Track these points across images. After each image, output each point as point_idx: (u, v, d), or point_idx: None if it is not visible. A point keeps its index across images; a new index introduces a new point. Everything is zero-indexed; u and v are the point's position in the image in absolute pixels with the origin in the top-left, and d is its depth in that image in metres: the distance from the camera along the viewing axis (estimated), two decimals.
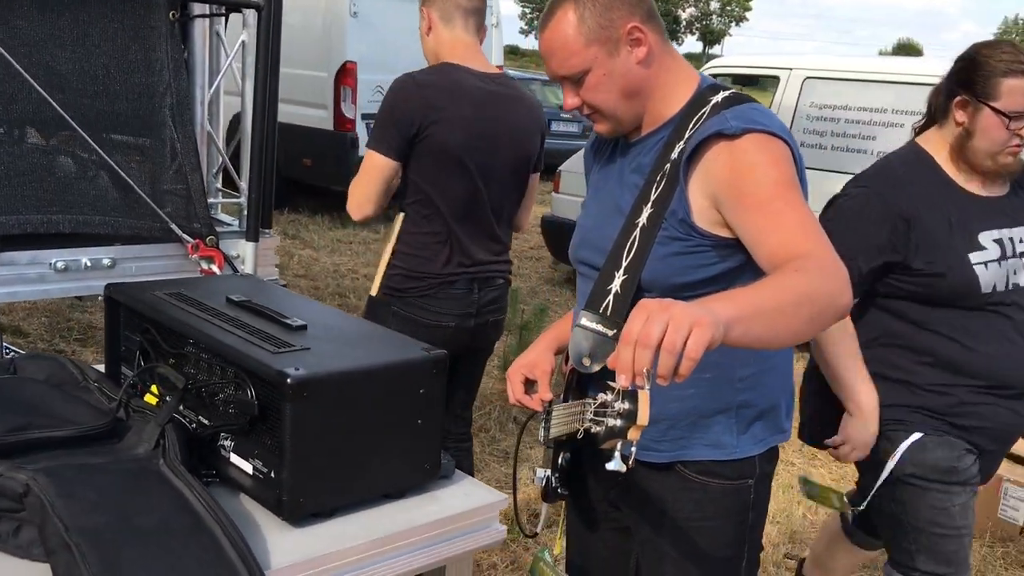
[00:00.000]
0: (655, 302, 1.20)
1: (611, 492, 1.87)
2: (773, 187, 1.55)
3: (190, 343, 1.73)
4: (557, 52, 1.69)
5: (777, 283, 1.36)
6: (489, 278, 2.79)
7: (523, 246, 9.29)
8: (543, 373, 1.89)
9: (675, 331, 1.16)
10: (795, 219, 1.52)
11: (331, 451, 1.53)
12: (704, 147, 1.61)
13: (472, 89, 2.65)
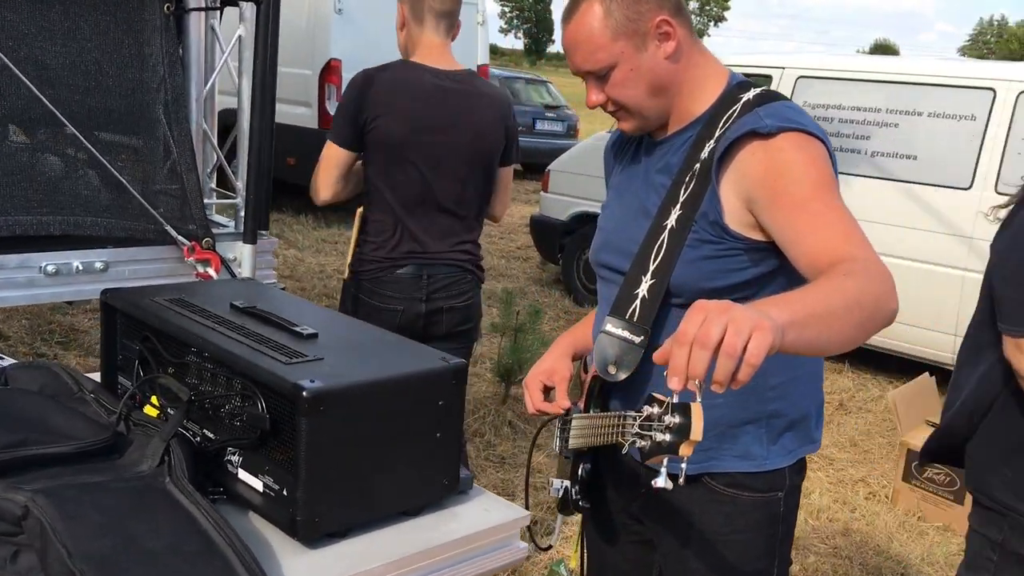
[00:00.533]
0: (713, 303, 1.13)
1: (633, 504, 1.80)
2: (811, 187, 1.49)
3: (193, 352, 1.65)
4: (582, 46, 1.62)
5: (828, 287, 1.29)
6: (441, 265, 2.90)
7: (510, 246, 9.22)
8: (561, 379, 1.83)
9: (735, 334, 1.09)
10: (835, 220, 1.46)
11: (347, 467, 1.45)
12: (737, 146, 1.54)
13: (424, 85, 2.79)
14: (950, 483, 4.26)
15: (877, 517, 4.14)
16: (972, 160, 5.36)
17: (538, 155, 14.06)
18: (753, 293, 1.60)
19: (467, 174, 2.89)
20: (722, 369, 1.09)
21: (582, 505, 1.77)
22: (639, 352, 1.62)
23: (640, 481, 1.77)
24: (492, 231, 9.86)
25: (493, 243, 9.30)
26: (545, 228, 7.46)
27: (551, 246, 7.44)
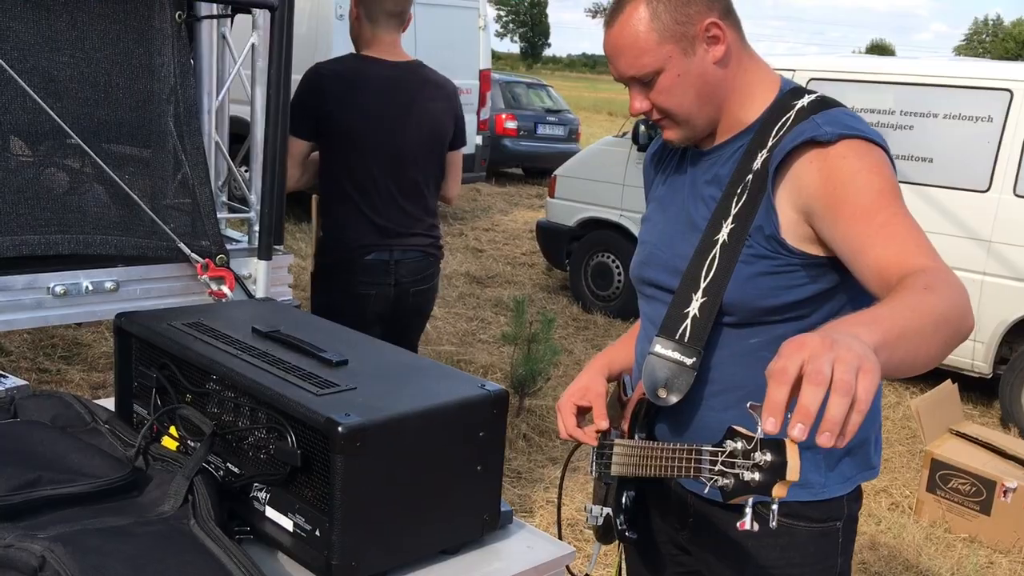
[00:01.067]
0: (812, 336, 1.03)
1: (680, 534, 1.71)
2: (877, 196, 1.40)
3: (213, 380, 1.55)
4: (627, 51, 1.52)
5: (912, 303, 1.19)
6: (404, 249, 3.03)
7: (515, 252, 9.12)
8: (597, 396, 1.73)
9: (846, 371, 0.97)
10: (904, 231, 1.37)
11: (386, 506, 1.35)
12: (794, 155, 1.45)
13: (374, 77, 2.94)
14: (976, 493, 4.17)
15: (904, 529, 4.05)
16: (989, 162, 5.27)
17: (540, 159, 13.98)
18: (810, 311, 1.51)
19: (422, 160, 3.03)
20: (837, 410, 0.96)
21: (629, 536, 1.68)
22: (691, 375, 1.53)
23: (689, 511, 1.67)
24: (496, 237, 9.78)
25: (498, 249, 9.21)
26: (552, 234, 7.37)
27: (558, 252, 7.35)
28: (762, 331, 1.53)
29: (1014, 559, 3.88)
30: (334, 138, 2.92)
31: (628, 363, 1.84)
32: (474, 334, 6.41)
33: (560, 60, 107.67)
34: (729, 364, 1.55)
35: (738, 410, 1.56)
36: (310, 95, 2.87)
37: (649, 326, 1.67)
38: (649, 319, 1.68)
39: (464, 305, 7.10)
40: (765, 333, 1.53)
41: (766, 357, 1.53)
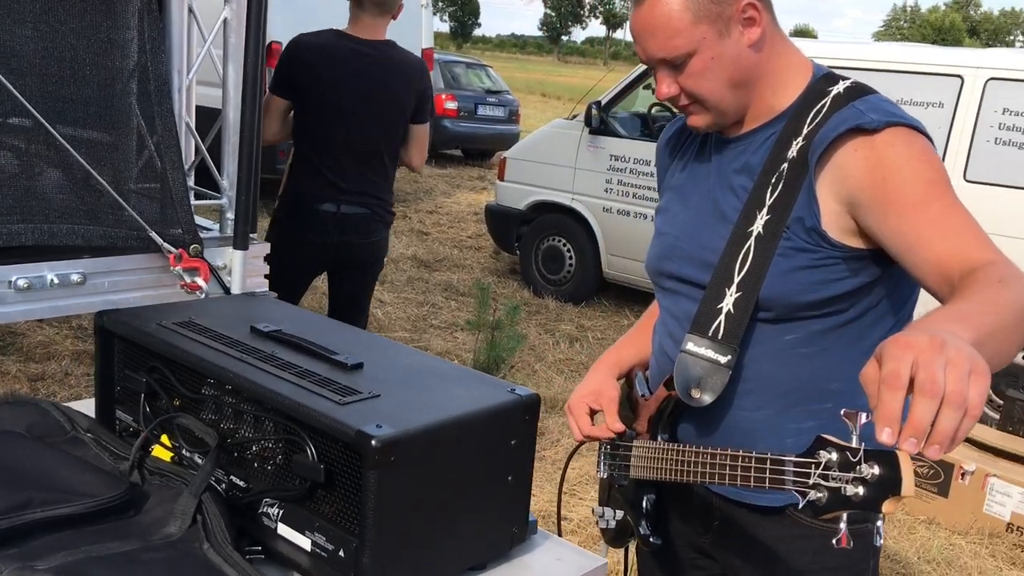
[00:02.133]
0: (920, 336, 0.95)
1: (703, 538, 1.64)
2: (928, 186, 1.34)
3: (210, 384, 1.43)
4: (659, 31, 1.43)
5: (993, 298, 1.13)
6: (354, 204, 3.37)
7: (461, 235, 9.00)
8: (610, 401, 1.65)
9: (959, 380, 0.90)
10: (961, 222, 1.31)
11: (416, 523, 1.25)
12: (837, 144, 1.38)
13: (346, 51, 3.28)
14: (934, 475, 4.23)
15: None
16: (940, 148, 5.33)
17: (480, 140, 13.84)
18: (849, 306, 1.44)
19: (383, 128, 3.38)
20: (950, 423, 0.90)
21: (654, 542, 1.60)
22: (726, 374, 1.46)
23: (714, 514, 1.61)
24: (441, 220, 9.64)
25: (443, 232, 9.08)
26: (501, 217, 7.27)
27: (508, 236, 7.26)
28: (798, 327, 1.46)
29: (972, 540, 3.94)
30: (303, 102, 3.26)
31: (638, 360, 1.77)
32: (426, 319, 6.30)
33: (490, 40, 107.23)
34: (763, 362, 1.49)
35: (772, 410, 1.50)
36: (288, 62, 3.24)
37: (671, 321, 1.60)
38: (671, 314, 1.60)
39: (413, 290, 6.97)
40: (801, 329, 1.46)
41: (802, 354, 1.48)
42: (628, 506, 1.67)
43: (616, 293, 6.99)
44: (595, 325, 6.44)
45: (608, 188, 6.54)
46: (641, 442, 1.60)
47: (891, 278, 1.44)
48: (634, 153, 6.44)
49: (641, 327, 1.83)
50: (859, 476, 1.02)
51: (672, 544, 1.70)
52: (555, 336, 6.10)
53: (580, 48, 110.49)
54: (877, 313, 1.46)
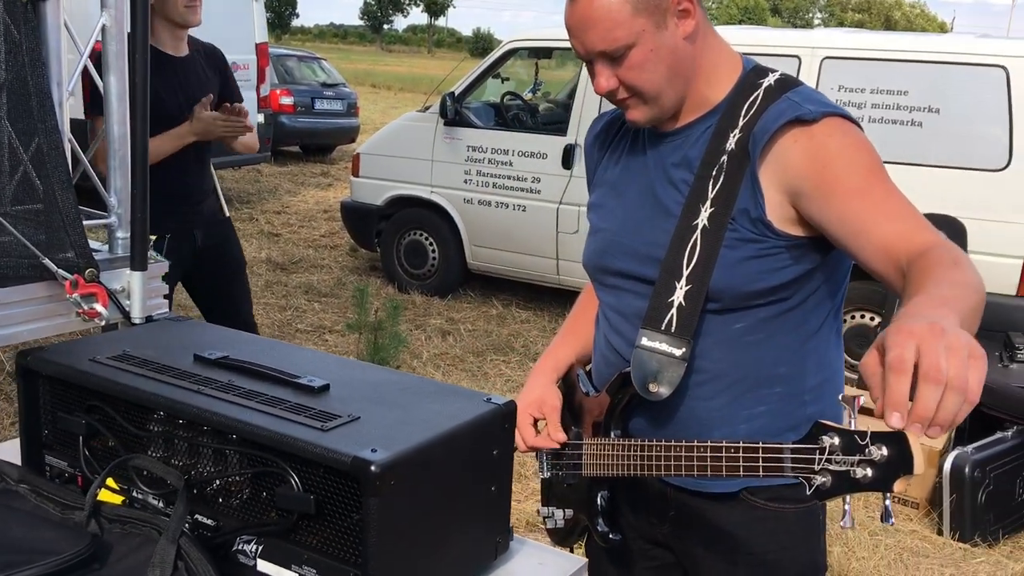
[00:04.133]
0: (919, 323, 0.99)
1: (660, 529, 1.67)
2: (868, 172, 1.40)
3: (158, 419, 1.34)
4: (599, 24, 1.43)
5: (957, 280, 1.19)
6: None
7: (313, 234, 8.80)
8: (552, 409, 1.66)
9: (960, 364, 0.94)
10: (902, 207, 1.37)
11: (415, 544, 1.22)
12: (776, 135, 1.43)
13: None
14: None
15: None
16: None
17: (319, 135, 13.55)
18: (792, 293, 1.50)
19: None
20: (951, 406, 0.94)
21: (612, 538, 1.62)
22: (681, 366, 1.48)
23: (669, 504, 1.64)
24: (291, 220, 9.39)
25: (295, 232, 8.84)
26: (358, 214, 7.14)
27: (366, 232, 7.14)
28: (746, 316, 1.51)
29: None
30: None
31: (575, 358, 1.77)
32: (291, 324, 6.12)
33: (309, 31, 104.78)
34: (713, 352, 1.52)
35: (724, 398, 1.54)
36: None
37: (616, 317, 1.61)
38: (616, 310, 1.61)
39: (273, 294, 6.76)
40: (749, 318, 1.51)
41: (750, 342, 1.53)
42: (580, 504, 1.67)
43: (482, 283, 7.01)
44: (464, 317, 6.44)
45: (467, 179, 6.53)
46: (593, 440, 1.61)
47: (828, 264, 1.51)
48: (491, 143, 6.46)
49: (572, 325, 1.83)
50: (867, 458, 1.05)
51: (624, 538, 1.72)
52: (426, 331, 6.07)
53: (403, 36, 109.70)
54: (817, 298, 1.52)
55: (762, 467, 1.22)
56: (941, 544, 3.74)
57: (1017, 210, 4.86)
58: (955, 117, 5.11)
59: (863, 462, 1.05)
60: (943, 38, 6.36)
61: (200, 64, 3.35)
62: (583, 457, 1.63)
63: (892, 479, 1.03)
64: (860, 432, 1.06)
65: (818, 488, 1.11)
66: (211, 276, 3.54)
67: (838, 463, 1.08)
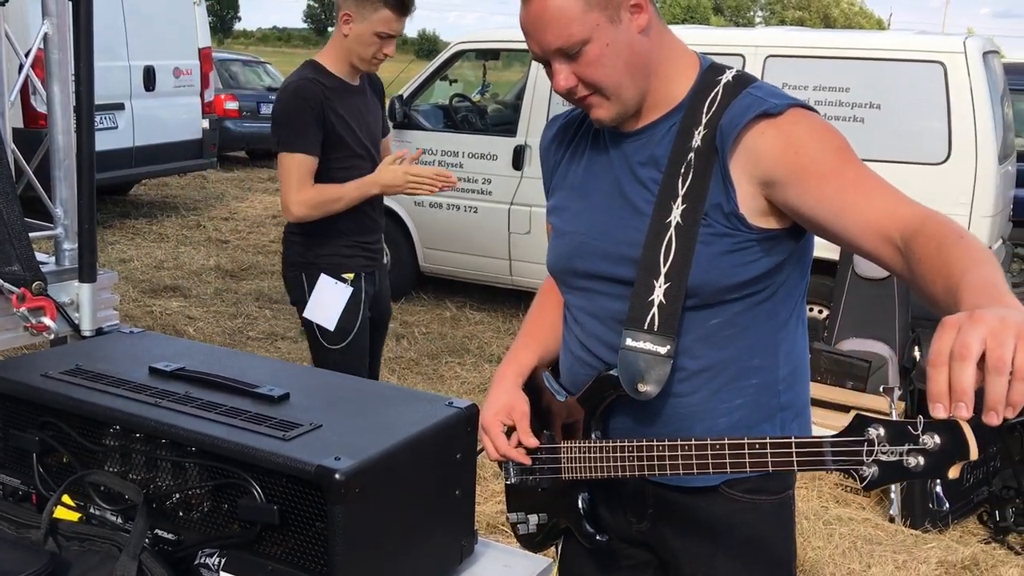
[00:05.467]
0: (961, 315, 1.01)
1: (638, 526, 1.67)
2: (839, 152, 1.42)
3: (114, 434, 1.32)
4: (554, 21, 1.44)
5: (978, 257, 1.20)
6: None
7: (262, 240, 8.70)
8: (522, 415, 1.63)
9: (999, 346, 0.96)
10: (879, 182, 1.39)
11: (381, 549, 1.22)
12: (744, 130, 1.45)
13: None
14: None
15: None
16: None
17: (265, 140, 13.35)
18: (765, 286, 1.52)
19: None
20: (995, 388, 0.96)
21: (599, 539, 1.61)
22: (667, 363, 1.49)
23: (647, 502, 1.64)
24: (239, 226, 9.28)
25: (243, 238, 8.74)
26: None
27: None
28: (722, 311, 1.52)
29: (799, 484, 4.24)
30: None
31: (539, 361, 1.76)
32: (242, 331, 6.05)
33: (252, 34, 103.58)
34: (693, 348, 1.53)
35: (705, 393, 1.55)
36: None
37: (589, 320, 1.61)
38: (588, 312, 1.62)
39: (223, 302, 6.67)
40: (725, 312, 1.52)
41: (726, 335, 1.54)
42: (558, 508, 1.65)
43: (434, 286, 6.99)
44: (418, 320, 6.41)
45: None
46: (571, 443, 1.60)
47: (795, 256, 1.53)
48: (441, 145, 6.44)
49: (531, 328, 1.81)
50: (919, 447, 1.08)
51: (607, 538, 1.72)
52: None
53: None
54: (786, 289, 1.54)
55: (796, 460, 1.24)
56: (893, 531, 3.81)
57: (958, 202, 4.98)
58: (895, 113, 5.22)
59: (914, 451, 1.08)
60: (883, 35, 6.50)
61: (368, 90, 3.11)
62: (561, 460, 1.62)
63: (947, 465, 1.07)
64: (912, 422, 1.09)
65: (866, 478, 1.14)
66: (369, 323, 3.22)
67: (886, 453, 1.11)
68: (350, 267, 3.00)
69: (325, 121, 2.84)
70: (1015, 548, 3.71)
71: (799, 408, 1.62)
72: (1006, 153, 5.56)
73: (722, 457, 1.33)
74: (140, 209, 9.83)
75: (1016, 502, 3.83)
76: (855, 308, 5.08)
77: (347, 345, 2.98)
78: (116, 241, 8.25)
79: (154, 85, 8.87)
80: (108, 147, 8.16)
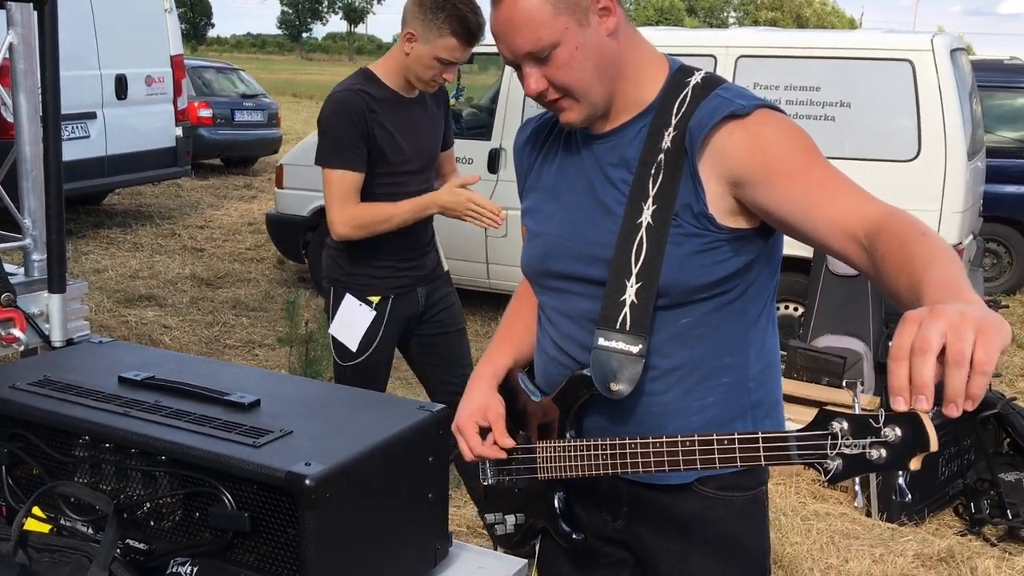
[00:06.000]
0: (922, 310, 1.02)
1: (614, 525, 1.68)
2: (806, 152, 1.44)
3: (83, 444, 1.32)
4: (523, 25, 1.45)
5: (939, 254, 1.22)
6: None
7: (238, 248, 8.66)
8: (497, 416, 1.64)
9: (959, 339, 0.98)
10: (845, 181, 1.41)
11: (354, 554, 1.22)
12: (712, 130, 1.46)
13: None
14: None
15: None
16: None
17: (240, 147, 13.35)
18: (734, 286, 1.53)
19: None
20: (954, 381, 0.97)
21: (576, 538, 1.62)
22: (639, 362, 1.50)
23: (622, 500, 1.65)
24: (214, 234, 9.23)
25: (219, 247, 8.69)
26: (284, 225, 7.04)
27: (294, 244, 7.04)
28: (692, 310, 1.53)
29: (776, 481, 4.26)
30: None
31: (514, 363, 1.77)
32: (219, 340, 6.02)
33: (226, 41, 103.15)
34: (664, 347, 1.54)
35: (677, 392, 1.56)
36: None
37: (563, 320, 1.62)
38: (562, 313, 1.62)
39: (199, 310, 6.63)
40: (695, 311, 1.53)
41: (697, 335, 1.55)
42: (535, 508, 1.66)
43: None
44: None
45: None
46: (546, 443, 1.60)
47: (765, 255, 1.55)
48: None
49: (507, 330, 1.83)
50: (880, 440, 1.09)
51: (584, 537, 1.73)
52: None
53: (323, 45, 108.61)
54: (755, 289, 1.56)
55: (764, 456, 1.25)
56: (870, 525, 3.84)
57: (928, 199, 5.03)
58: (866, 111, 5.27)
59: (877, 443, 1.09)
60: (852, 34, 6.56)
61: (427, 101, 2.97)
62: (536, 460, 1.62)
63: (908, 457, 1.08)
64: (873, 416, 1.10)
65: (830, 472, 1.15)
66: (432, 337, 3.12)
67: (850, 447, 1.12)
68: (378, 289, 2.90)
69: (369, 136, 2.73)
70: (990, 540, 3.76)
71: (771, 405, 1.64)
72: (975, 149, 5.62)
73: (692, 454, 1.34)
74: (114, 219, 9.76)
75: (990, 494, 3.87)
76: (830, 305, 5.12)
77: (361, 363, 2.93)
78: (90, 251, 8.19)
79: (126, 93, 8.81)
80: (80, 156, 8.10)
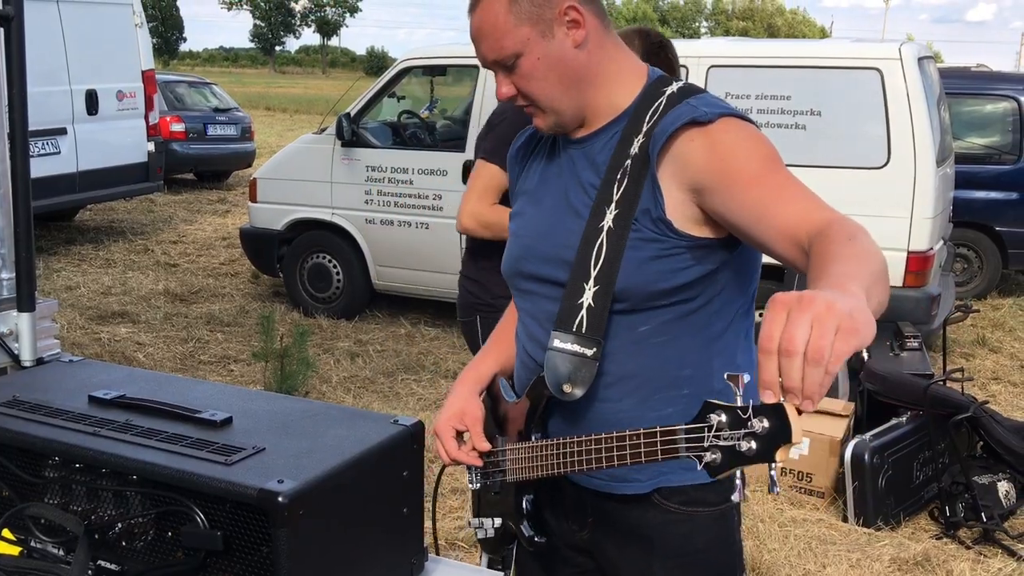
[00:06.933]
0: (791, 296, 1.02)
1: (580, 534, 1.69)
2: (765, 161, 1.45)
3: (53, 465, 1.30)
4: (488, 35, 1.50)
5: (851, 253, 1.22)
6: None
7: (212, 263, 8.61)
8: (474, 420, 1.66)
9: (821, 336, 0.98)
10: (798, 190, 1.42)
11: (328, 571, 1.21)
12: (675, 136, 1.47)
13: None
14: None
15: None
16: None
17: (213, 161, 13.29)
18: (696, 295, 1.54)
19: None
20: (811, 378, 0.98)
21: (537, 540, 1.63)
22: (593, 365, 1.51)
23: (587, 510, 1.66)
24: (188, 249, 9.17)
25: (193, 261, 8.63)
26: (258, 240, 7.01)
27: (268, 258, 7.01)
28: (651, 317, 1.54)
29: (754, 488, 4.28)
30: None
31: (499, 369, 1.77)
32: (194, 356, 5.97)
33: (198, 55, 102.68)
34: (621, 354, 1.55)
35: (633, 399, 1.57)
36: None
37: (531, 323, 1.63)
38: (530, 315, 1.63)
39: (173, 326, 6.58)
40: (654, 319, 1.54)
41: (656, 343, 1.56)
42: (507, 510, 1.67)
43: (388, 303, 6.97)
44: (373, 338, 6.38)
45: (368, 199, 6.49)
46: (516, 445, 1.62)
47: (733, 266, 1.55)
48: (390, 162, 6.43)
49: (497, 337, 1.84)
50: (750, 431, 1.08)
51: (550, 542, 1.73)
52: (335, 355, 5.99)
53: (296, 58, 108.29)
54: (721, 300, 1.56)
55: (660, 450, 1.25)
56: (847, 531, 3.86)
57: (898, 205, 5.08)
58: (835, 119, 5.32)
59: (747, 435, 1.08)
60: (821, 44, 6.62)
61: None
62: (507, 463, 1.64)
63: (774, 449, 1.06)
64: (743, 407, 1.09)
65: (709, 465, 1.13)
66: None
67: (726, 438, 1.10)
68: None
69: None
70: (965, 542, 3.79)
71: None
72: (944, 156, 5.69)
73: (610, 450, 1.36)
74: (86, 235, 9.68)
75: (965, 497, 3.90)
76: None
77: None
78: (62, 268, 8.11)
79: (97, 109, 8.75)
80: (51, 172, 8.04)
